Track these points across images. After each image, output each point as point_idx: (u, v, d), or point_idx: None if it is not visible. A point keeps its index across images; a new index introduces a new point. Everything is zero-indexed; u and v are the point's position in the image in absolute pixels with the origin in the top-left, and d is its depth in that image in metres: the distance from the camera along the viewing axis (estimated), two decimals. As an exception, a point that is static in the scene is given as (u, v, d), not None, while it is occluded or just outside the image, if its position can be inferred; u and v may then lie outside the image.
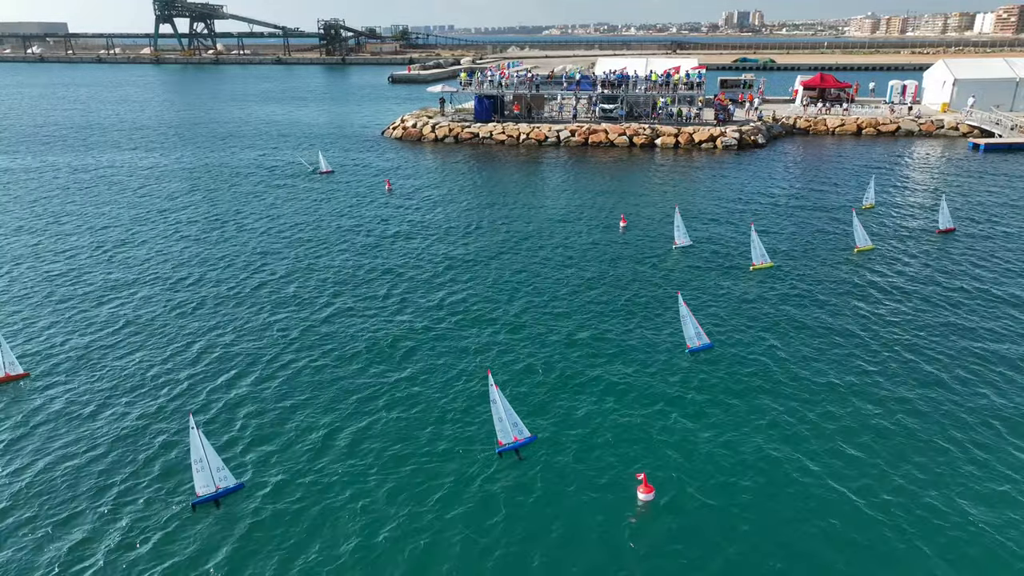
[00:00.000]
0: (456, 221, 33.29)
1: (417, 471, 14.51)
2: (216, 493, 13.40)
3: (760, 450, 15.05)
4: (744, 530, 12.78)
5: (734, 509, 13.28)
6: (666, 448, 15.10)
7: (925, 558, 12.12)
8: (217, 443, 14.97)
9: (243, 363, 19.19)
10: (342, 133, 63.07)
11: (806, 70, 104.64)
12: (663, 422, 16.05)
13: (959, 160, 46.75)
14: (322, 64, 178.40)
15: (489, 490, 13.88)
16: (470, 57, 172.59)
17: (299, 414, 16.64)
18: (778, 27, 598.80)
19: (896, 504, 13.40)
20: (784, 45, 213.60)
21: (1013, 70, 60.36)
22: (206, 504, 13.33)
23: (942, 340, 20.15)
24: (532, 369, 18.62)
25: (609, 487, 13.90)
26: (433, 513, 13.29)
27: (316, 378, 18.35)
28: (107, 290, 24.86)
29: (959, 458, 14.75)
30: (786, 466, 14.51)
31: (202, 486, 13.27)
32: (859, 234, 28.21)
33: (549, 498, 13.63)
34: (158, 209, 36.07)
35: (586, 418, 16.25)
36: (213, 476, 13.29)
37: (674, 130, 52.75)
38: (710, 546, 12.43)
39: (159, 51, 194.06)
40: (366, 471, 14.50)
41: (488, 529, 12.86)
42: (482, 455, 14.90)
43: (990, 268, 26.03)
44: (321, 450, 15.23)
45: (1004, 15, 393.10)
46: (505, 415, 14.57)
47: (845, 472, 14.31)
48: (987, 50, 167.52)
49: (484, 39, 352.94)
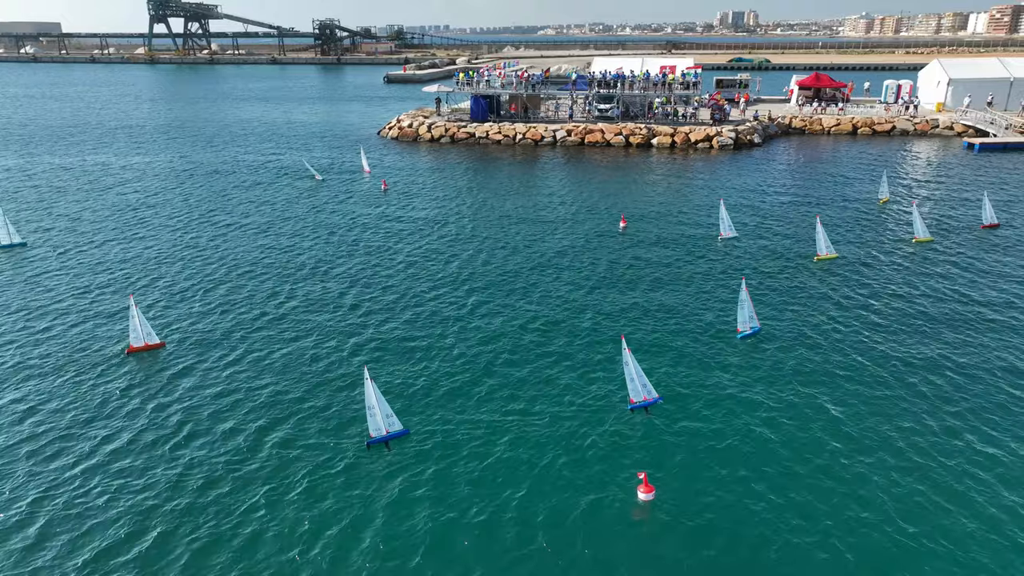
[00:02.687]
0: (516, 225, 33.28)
1: (561, 424, 16.00)
2: (386, 436, 15.24)
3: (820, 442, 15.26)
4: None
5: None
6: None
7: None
8: (385, 393, 16.47)
9: (401, 327, 21.35)
10: (338, 133, 62.95)
11: (801, 70, 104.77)
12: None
13: (953, 158, 46.95)
14: (317, 64, 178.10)
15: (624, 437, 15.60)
16: (466, 57, 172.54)
17: (462, 373, 18.40)
18: (773, 27, 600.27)
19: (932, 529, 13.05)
20: (779, 45, 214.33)
21: (1007, 70, 60.62)
22: (378, 444, 15.16)
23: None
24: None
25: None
26: (578, 463, 14.65)
27: (478, 346, 19.99)
28: (242, 267, 27.02)
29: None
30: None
31: (374, 429, 15.18)
32: (918, 226, 29.33)
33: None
34: (268, 200, 37.61)
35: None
36: (383, 422, 15.17)
37: (670, 130, 52.80)
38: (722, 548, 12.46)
39: (153, 51, 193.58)
40: (509, 424, 16.04)
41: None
42: (618, 407, 16.57)
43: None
44: (479, 403, 16.92)
45: (997, 15, 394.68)
46: (636, 376, 16.23)
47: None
48: (981, 50, 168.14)
49: (479, 39, 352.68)
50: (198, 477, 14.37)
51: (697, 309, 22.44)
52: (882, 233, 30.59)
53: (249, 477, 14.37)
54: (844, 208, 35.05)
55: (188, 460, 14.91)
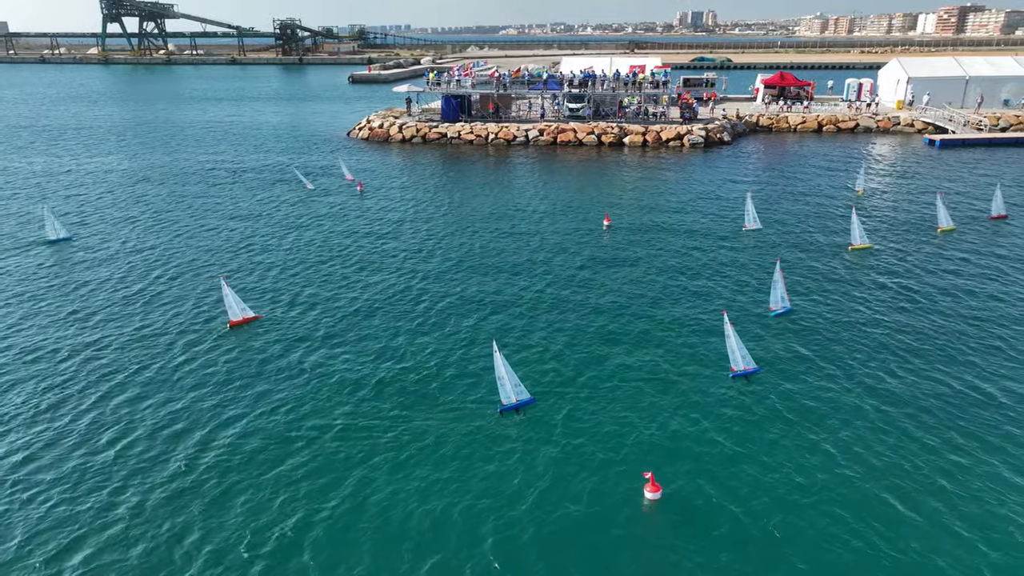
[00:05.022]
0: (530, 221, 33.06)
1: (670, 391, 17.59)
2: (515, 404, 16.53)
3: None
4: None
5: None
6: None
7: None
8: (513, 364, 17.58)
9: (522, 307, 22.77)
10: (306, 134, 61.97)
11: (762, 69, 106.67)
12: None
13: (916, 154, 48.29)
14: (279, 64, 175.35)
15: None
16: (430, 57, 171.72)
17: (580, 347, 19.93)
18: (731, 27, 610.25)
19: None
20: (739, 44, 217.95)
21: (963, 68, 62.56)
22: (510, 411, 16.54)
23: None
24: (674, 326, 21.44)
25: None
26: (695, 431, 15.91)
27: (597, 322, 21.56)
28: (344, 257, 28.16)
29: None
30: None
31: (504, 397, 16.51)
32: (942, 215, 30.46)
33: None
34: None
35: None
36: (512, 390, 16.47)
37: (642, 129, 53.23)
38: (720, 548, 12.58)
39: (107, 51, 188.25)
40: (623, 391, 17.58)
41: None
42: (721, 375, 18.23)
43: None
44: (602, 376, 18.36)
45: (945, 16, 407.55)
46: (737, 347, 17.85)
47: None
48: (931, 49, 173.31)
49: (443, 39, 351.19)
50: (358, 430, 16.07)
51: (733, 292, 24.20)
52: (911, 224, 31.83)
53: (398, 436, 15.85)
54: (825, 200, 36.19)
55: (352, 411, 16.79)
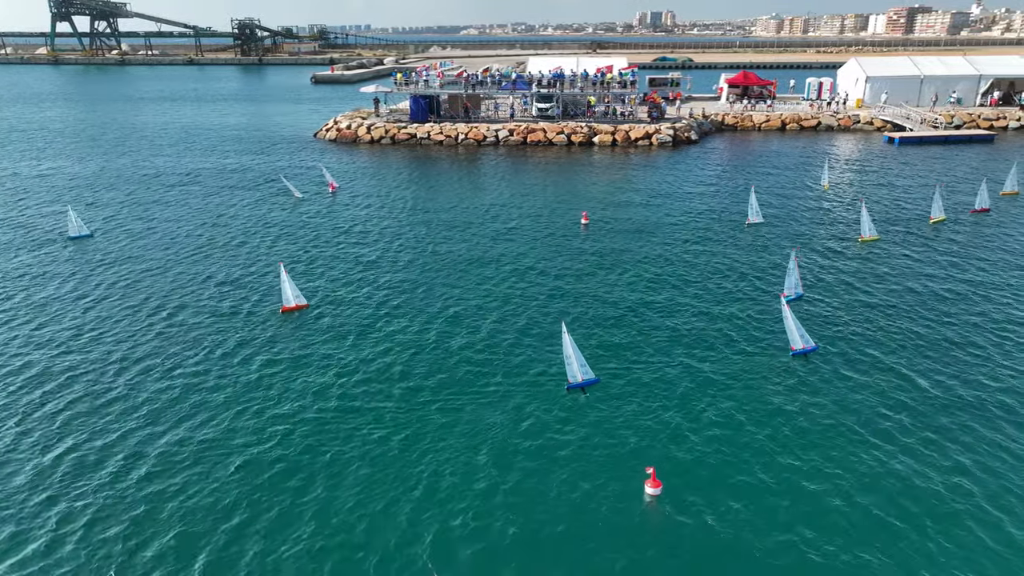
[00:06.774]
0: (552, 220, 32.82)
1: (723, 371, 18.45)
2: (581, 383, 17.40)
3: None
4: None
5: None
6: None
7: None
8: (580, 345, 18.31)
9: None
10: (272, 136, 60.90)
11: (723, 68, 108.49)
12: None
13: (878, 151, 49.63)
14: (237, 64, 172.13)
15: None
16: (393, 57, 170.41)
17: (641, 330, 20.86)
18: (689, 27, 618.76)
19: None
20: (699, 44, 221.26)
21: (918, 68, 64.45)
22: (575, 390, 17.45)
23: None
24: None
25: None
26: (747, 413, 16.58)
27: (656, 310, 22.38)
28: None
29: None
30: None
31: (571, 376, 17.39)
32: (936, 207, 31.47)
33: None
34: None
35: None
36: (578, 370, 17.32)
37: (611, 128, 53.61)
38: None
39: (57, 51, 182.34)
40: (679, 375, 18.34)
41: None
42: (780, 357, 19.12)
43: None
44: (661, 356, 19.27)
45: (895, 16, 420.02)
46: (795, 326, 18.78)
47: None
48: (883, 49, 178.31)
49: (404, 39, 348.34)
50: (432, 405, 16.93)
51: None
52: (902, 217, 32.84)
53: (470, 410, 16.74)
54: (790, 194, 37.26)
55: (410, 392, 17.52)
